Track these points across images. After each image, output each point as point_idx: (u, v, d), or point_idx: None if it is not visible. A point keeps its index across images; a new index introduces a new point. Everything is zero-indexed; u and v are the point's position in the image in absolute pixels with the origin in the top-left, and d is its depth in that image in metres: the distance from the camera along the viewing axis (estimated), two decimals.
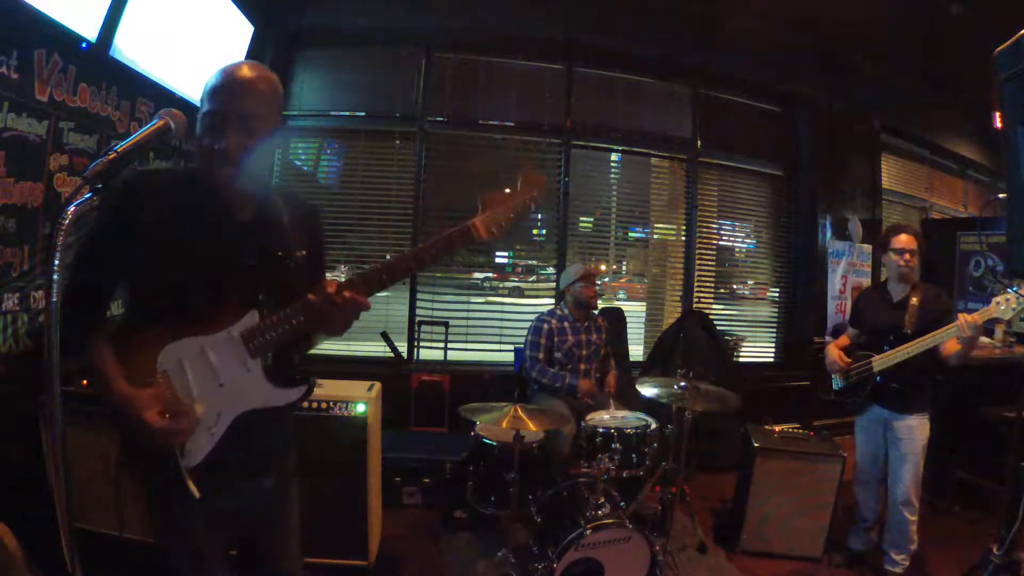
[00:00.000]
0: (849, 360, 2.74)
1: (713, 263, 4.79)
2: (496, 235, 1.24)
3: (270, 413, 1.27)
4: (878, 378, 2.63)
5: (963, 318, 2.31)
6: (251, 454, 1.30)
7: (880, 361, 2.61)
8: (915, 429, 2.59)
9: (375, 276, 1.25)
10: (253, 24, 3.50)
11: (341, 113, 4.20)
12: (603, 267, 4.66)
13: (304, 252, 1.33)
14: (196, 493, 1.17)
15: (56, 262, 0.82)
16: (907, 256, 2.63)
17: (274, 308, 1.22)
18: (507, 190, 1.27)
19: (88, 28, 2.27)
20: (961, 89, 5.27)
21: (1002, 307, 2.25)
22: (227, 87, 1.19)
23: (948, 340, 2.43)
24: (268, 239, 1.28)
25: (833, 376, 2.83)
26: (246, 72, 1.22)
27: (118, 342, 1.19)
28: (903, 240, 2.65)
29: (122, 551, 2.09)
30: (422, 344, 4.14)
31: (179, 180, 1.30)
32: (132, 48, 2.52)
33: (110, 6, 2.34)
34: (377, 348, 3.97)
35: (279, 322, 1.21)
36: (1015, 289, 2.23)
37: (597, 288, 3.38)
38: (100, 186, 0.86)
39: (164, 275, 1.18)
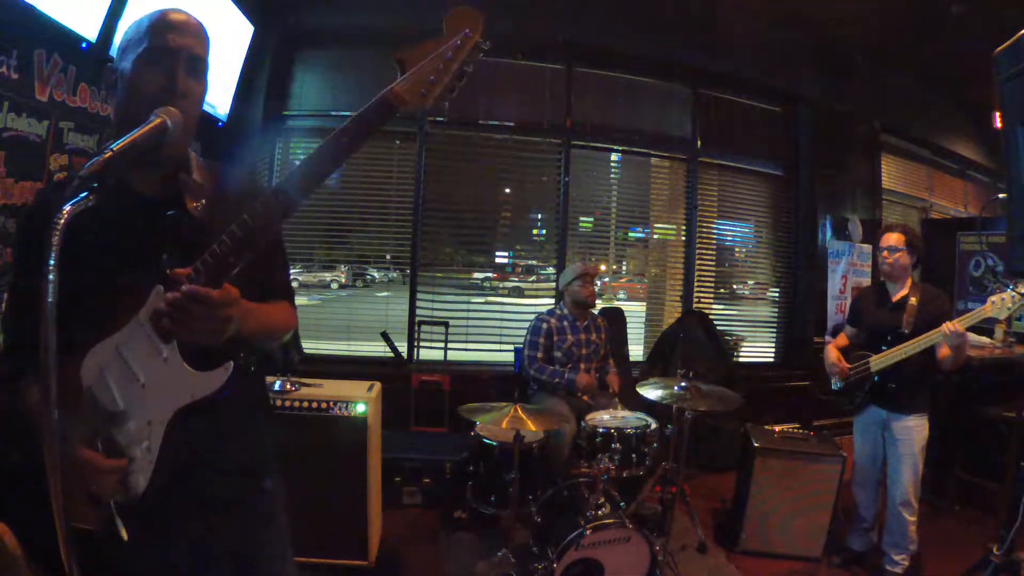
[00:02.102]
0: (848, 364, 2.74)
1: (713, 263, 4.78)
2: (429, 98, 0.95)
3: (209, 411, 1.02)
4: (875, 378, 2.63)
5: (947, 325, 2.34)
6: (206, 470, 1.08)
7: (877, 361, 2.61)
8: (913, 430, 2.59)
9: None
10: (253, 24, 3.50)
11: (341, 113, 4.19)
12: (603, 267, 4.65)
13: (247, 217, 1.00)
14: (124, 535, 0.95)
15: (52, 262, 0.82)
16: (888, 255, 2.65)
17: (177, 275, 0.97)
18: (429, 40, 0.98)
19: (88, 28, 2.27)
20: (961, 89, 5.27)
21: (997, 306, 2.26)
22: (171, 24, 1.05)
23: (942, 345, 2.43)
24: (179, 202, 1.07)
25: (831, 376, 2.83)
26: (183, 15, 1.09)
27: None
28: (888, 239, 2.67)
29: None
30: (422, 344, 4.14)
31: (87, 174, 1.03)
32: None
33: (110, 6, 2.34)
34: (377, 348, 3.97)
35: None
36: (1011, 288, 2.23)
37: (596, 287, 3.38)
38: (96, 185, 0.85)
39: (69, 279, 0.90)
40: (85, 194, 0.84)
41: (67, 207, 0.82)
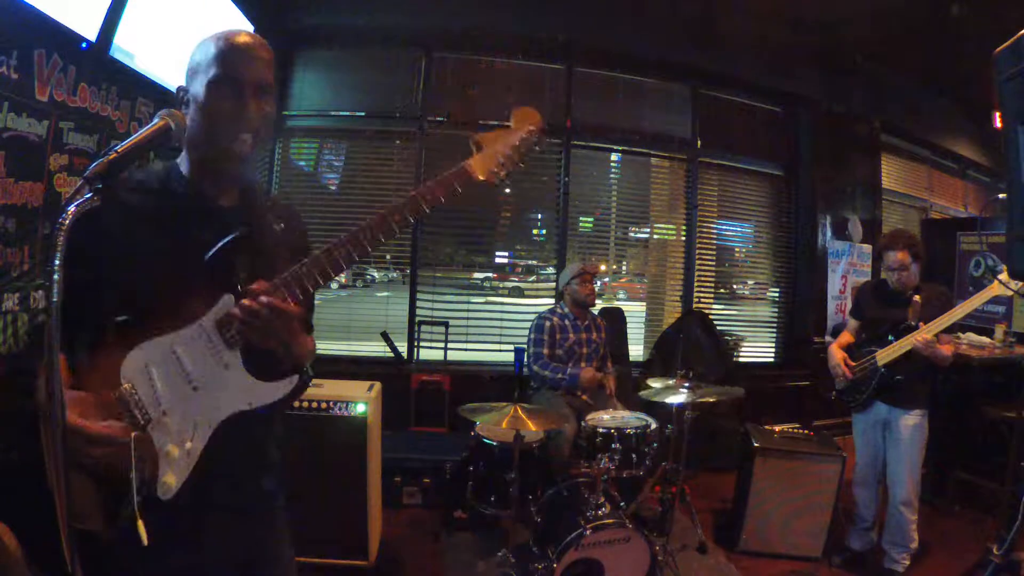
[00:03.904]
0: (853, 364, 2.75)
1: (713, 263, 4.78)
2: (496, 177, 1.13)
3: (258, 417, 1.06)
4: (882, 370, 2.63)
5: (917, 336, 2.48)
6: (240, 475, 1.12)
7: (884, 355, 2.61)
8: (914, 429, 2.60)
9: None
10: (253, 24, 3.50)
11: (341, 113, 4.20)
12: (603, 267, 4.65)
13: (282, 227, 1.21)
14: (144, 538, 0.92)
15: (56, 262, 0.82)
16: (899, 274, 2.65)
17: (250, 288, 1.03)
18: (502, 129, 1.17)
19: (88, 28, 2.27)
20: (961, 89, 5.27)
21: (1003, 284, 2.27)
22: (239, 52, 1.08)
23: (944, 343, 2.52)
24: (249, 219, 1.13)
25: (836, 376, 2.83)
26: (251, 39, 1.11)
27: (83, 357, 1.00)
28: (894, 259, 2.64)
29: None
30: (422, 344, 4.14)
31: (156, 176, 1.14)
32: (132, 48, 2.52)
33: (110, 6, 2.34)
34: (377, 348, 3.97)
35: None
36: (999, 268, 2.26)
37: (595, 286, 3.38)
38: (100, 186, 0.85)
39: (128, 270, 1.02)
40: (90, 195, 0.84)
41: (71, 208, 0.82)
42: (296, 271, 1.04)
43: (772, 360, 4.94)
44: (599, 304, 4.05)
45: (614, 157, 4.64)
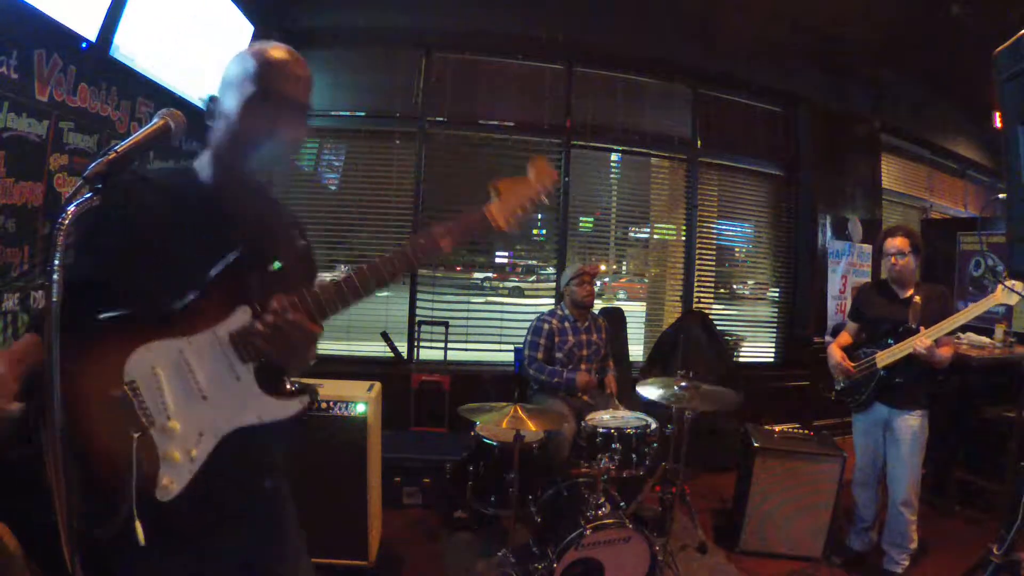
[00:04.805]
0: (853, 364, 2.75)
1: (713, 263, 4.79)
2: (511, 226, 1.13)
3: (266, 429, 1.05)
4: (882, 372, 2.63)
5: (917, 340, 2.48)
6: (243, 481, 1.11)
7: (884, 357, 2.61)
8: (914, 428, 2.60)
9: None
10: (253, 24, 3.50)
11: (341, 113, 4.20)
12: (603, 267, 4.65)
13: (303, 244, 1.24)
14: (141, 538, 0.92)
15: (56, 262, 0.82)
16: (897, 259, 2.65)
17: (269, 303, 1.02)
18: (520, 178, 1.18)
19: (88, 28, 2.26)
20: (961, 89, 5.27)
21: (1007, 293, 2.31)
22: (278, 70, 1.08)
23: (943, 344, 2.52)
24: (267, 229, 1.15)
25: (836, 376, 2.83)
26: (289, 56, 1.12)
27: (81, 348, 0.96)
28: (894, 243, 2.66)
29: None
30: (422, 344, 4.14)
31: (172, 178, 1.16)
32: (132, 48, 2.52)
33: (110, 6, 2.34)
34: (377, 348, 3.97)
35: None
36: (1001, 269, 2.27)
37: (596, 287, 3.38)
38: (100, 186, 0.85)
39: (139, 266, 1.02)
40: (90, 195, 0.84)
41: (71, 207, 0.82)
42: (318, 294, 1.03)
43: (772, 360, 4.94)
44: (600, 304, 4.05)
45: (614, 157, 4.64)
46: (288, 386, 1.09)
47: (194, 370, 1.00)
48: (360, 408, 2.48)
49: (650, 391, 2.71)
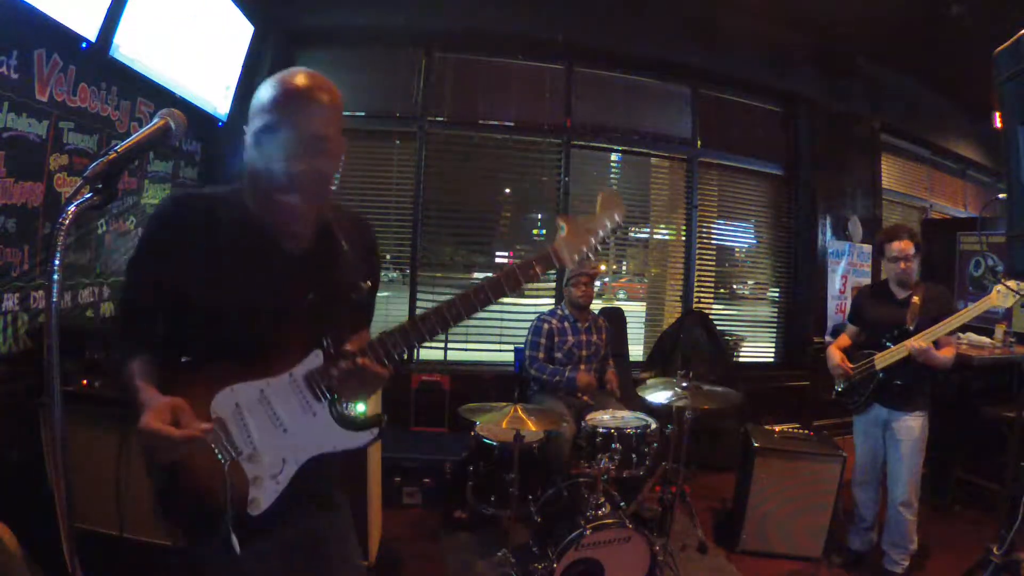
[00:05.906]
0: (852, 365, 2.75)
1: (713, 263, 4.79)
2: (576, 263, 1.19)
3: (340, 456, 1.18)
4: (880, 374, 2.63)
5: (912, 342, 2.48)
6: (316, 499, 1.23)
7: (882, 359, 2.61)
8: (914, 429, 2.59)
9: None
10: (253, 24, 3.50)
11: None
12: (603, 267, 4.65)
13: (368, 283, 1.27)
14: (237, 548, 1.04)
15: (56, 262, 0.82)
16: (903, 263, 2.64)
17: (340, 348, 1.12)
18: (589, 216, 1.22)
19: (88, 28, 2.27)
20: (961, 89, 5.28)
21: (1003, 294, 2.32)
22: (303, 102, 1.06)
23: (944, 346, 2.52)
24: (332, 272, 1.17)
25: (836, 377, 2.83)
26: (310, 82, 1.09)
27: (169, 384, 1.06)
28: (899, 247, 2.63)
29: (122, 551, 2.09)
30: (422, 344, 4.13)
31: (230, 206, 1.13)
32: (132, 48, 2.52)
33: (110, 6, 2.34)
34: None
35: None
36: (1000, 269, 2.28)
37: (595, 287, 3.37)
38: (100, 186, 0.85)
39: (216, 314, 1.08)
40: (91, 195, 0.84)
41: (71, 207, 0.82)
42: (385, 339, 1.13)
43: (772, 360, 4.94)
44: (600, 304, 4.05)
45: (614, 157, 4.64)
46: (358, 417, 1.21)
47: (275, 407, 1.11)
48: (360, 408, 2.47)
49: (650, 391, 2.71)
